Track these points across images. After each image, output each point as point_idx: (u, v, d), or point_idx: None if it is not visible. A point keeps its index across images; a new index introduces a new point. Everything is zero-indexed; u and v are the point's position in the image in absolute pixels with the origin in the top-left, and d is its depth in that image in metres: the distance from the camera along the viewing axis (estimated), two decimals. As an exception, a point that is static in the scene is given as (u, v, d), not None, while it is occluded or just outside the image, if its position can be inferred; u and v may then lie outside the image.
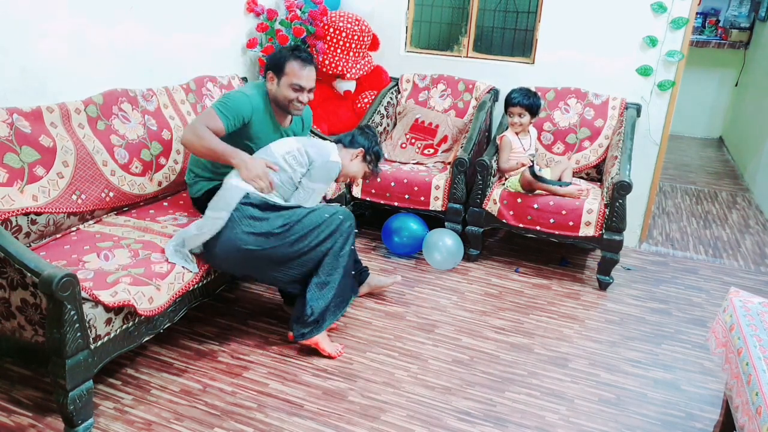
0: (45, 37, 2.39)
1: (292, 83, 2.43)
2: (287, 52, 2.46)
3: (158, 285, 2.06)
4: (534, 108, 3.18)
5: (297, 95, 2.45)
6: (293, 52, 2.45)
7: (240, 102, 2.40)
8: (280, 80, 2.44)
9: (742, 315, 1.79)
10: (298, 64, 2.42)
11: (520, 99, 3.15)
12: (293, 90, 2.44)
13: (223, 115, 2.37)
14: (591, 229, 2.98)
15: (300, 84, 2.43)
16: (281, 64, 2.43)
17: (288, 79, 2.42)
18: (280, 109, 2.52)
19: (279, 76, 2.44)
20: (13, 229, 2.12)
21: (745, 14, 6.36)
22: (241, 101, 2.41)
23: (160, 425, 2.00)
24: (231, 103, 2.39)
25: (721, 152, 6.29)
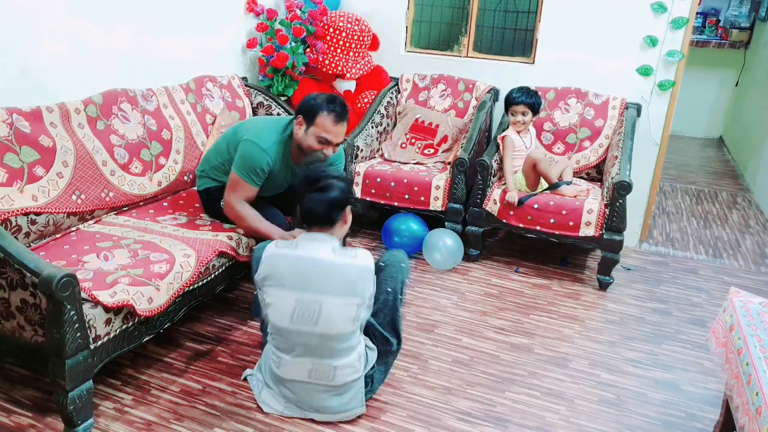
0: (45, 37, 2.39)
1: (319, 135, 2.32)
2: (323, 101, 2.32)
3: (157, 285, 2.05)
4: (536, 106, 3.20)
5: (322, 148, 2.34)
6: (329, 104, 2.32)
7: (260, 161, 2.36)
8: (308, 129, 2.33)
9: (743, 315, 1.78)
10: (331, 119, 2.30)
11: (523, 98, 3.16)
12: (319, 142, 2.33)
13: (252, 180, 2.38)
14: (591, 229, 2.97)
15: (328, 139, 2.33)
16: (314, 113, 2.31)
17: (316, 130, 2.31)
18: (301, 152, 2.42)
19: (308, 124, 2.33)
20: (12, 229, 2.12)
21: (745, 14, 6.35)
22: (261, 160, 2.36)
23: (160, 425, 2.00)
24: (254, 167, 2.36)
25: (721, 152, 6.29)
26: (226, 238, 2.40)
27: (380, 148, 3.75)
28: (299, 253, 1.95)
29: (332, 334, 1.93)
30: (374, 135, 3.69)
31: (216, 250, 2.32)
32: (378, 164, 3.51)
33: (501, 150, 3.25)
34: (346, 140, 2.46)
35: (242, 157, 2.38)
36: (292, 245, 1.98)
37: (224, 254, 2.38)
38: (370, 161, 3.58)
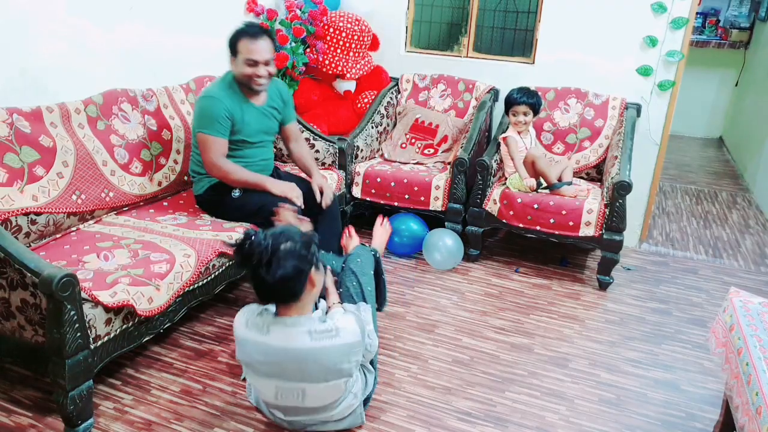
0: (45, 37, 2.39)
1: (246, 59, 2.45)
2: (237, 30, 2.47)
3: (158, 285, 2.05)
4: (537, 106, 3.20)
5: (253, 70, 2.46)
6: (242, 28, 2.47)
7: (213, 109, 2.47)
8: (237, 59, 2.47)
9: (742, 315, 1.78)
10: (248, 39, 2.44)
11: (524, 98, 3.16)
12: (248, 66, 2.46)
13: (217, 131, 2.48)
14: (591, 229, 2.97)
15: (253, 58, 2.44)
16: (234, 43, 2.46)
17: (242, 56, 2.45)
18: (247, 89, 2.55)
19: (236, 56, 2.48)
20: (13, 229, 2.12)
21: (745, 14, 6.35)
22: (214, 107, 2.47)
23: (160, 425, 2.00)
24: (208, 115, 2.47)
25: (721, 152, 6.29)
26: (226, 237, 2.40)
27: (380, 148, 3.75)
28: (271, 342, 1.72)
29: (324, 405, 1.83)
30: (374, 135, 3.69)
31: (216, 250, 2.33)
32: (378, 164, 3.51)
33: (504, 150, 3.24)
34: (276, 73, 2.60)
35: (199, 115, 2.50)
36: (263, 329, 1.73)
37: (224, 254, 2.38)
38: (370, 161, 3.58)
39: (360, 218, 3.68)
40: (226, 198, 2.58)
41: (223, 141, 2.50)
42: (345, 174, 3.38)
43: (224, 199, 2.59)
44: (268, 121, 2.70)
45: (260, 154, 2.70)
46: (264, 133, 2.69)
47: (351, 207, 3.49)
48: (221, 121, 2.47)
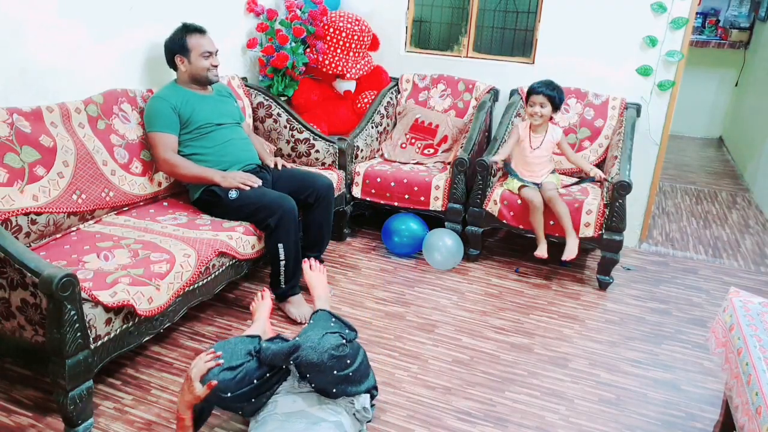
0: (45, 37, 2.39)
1: (201, 53, 2.64)
2: (180, 32, 2.65)
3: (158, 285, 2.05)
4: (556, 100, 3.04)
5: (210, 61, 2.67)
6: (186, 29, 2.65)
7: (160, 107, 2.60)
8: (190, 56, 2.64)
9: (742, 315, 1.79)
10: (197, 36, 2.65)
11: (543, 88, 3.03)
12: (204, 58, 2.66)
13: (164, 127, 2.60)
14: (590, 229, 2.97)
15: (208, 50, 2.66)
16: (183, 42, 2.63)
17: (196, 52, 2.64)
18: (198, 84, 2.72)
19: (186, 55, 2.64)
20: (13, 229, 2.12)
21: (745, 14, 6.35)
22: (160, 105, 2.60)
23: (160, 425, 2.00)
24: (156, 114, 2.60)
25: (721, 152, 6.29)
26: (226, 237, 2.41)
27: (380, 148, 3.75)
28: None
29: None
30: (374, 135, 3.69)
31: (216, 250, 2.33)
32: (378, 164, 3.51)
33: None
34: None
35: (145, 119, 2.63)
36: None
37: (224, 254, 2.38)
38: (370, 161, 3.58)
39: (360, 218, 3.69)
40: (223, 200, 2.58)
41: (170, 136, 2.60)
42: (345, 174, 3.39)
43: (221, 200, 2.59)
44: (223, 105, 2.81)
45: (228, 135, 2.76)
46: (222, 114, 2.77)
47: (351, 207, 3.49)
48: (166, 117, 2.59)
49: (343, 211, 3.42)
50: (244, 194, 2.58)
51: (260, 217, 2.54)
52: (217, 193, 2.60)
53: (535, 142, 3.12)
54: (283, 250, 2.57)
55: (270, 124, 3.44)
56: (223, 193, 2.59)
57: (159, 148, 2.58)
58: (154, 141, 2.59)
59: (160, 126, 2.59)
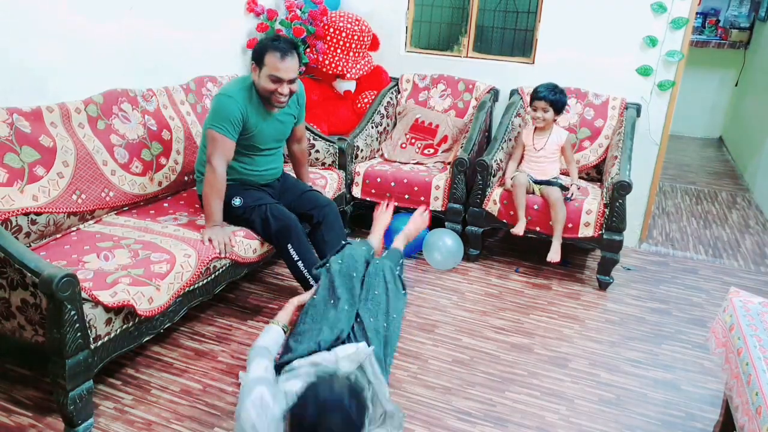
0: (45, 37, 2.39)
1: (270, 75, 2.38)
2: (267, 41, 2.41)
3: (158, 285, 2.05)
4: (558, 104, 3.06)
5: (276, 87, 2.40)
6: (273, 42, 2.39)
7: (229, 109, 2.41)
8: (261, 71, 2.40)
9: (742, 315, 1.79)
10: (277, 55, 2.36)
11: (545, 93, 3.04)
12: (272, 81, 2.39)
13: (227, 131, 2.41)
14: (590, 229, 2.98)
15: (278, 76, 2.37)
16: (261, 55, 2.38)
17: (267, 71, 2.38)
18: (266, 101, 2.48)
19: (260, 67, 2.40)
20: (13, 229, 2.12)
21: (745, 14, 6.35)
22: (230, 107, 2.41)
23: (160, 425, 2.00)
24: (224, 115, 2.40)
25: (721, 152, 6.29)
26: (226, 238, 2.40)
27: (380, 148, 3.75)
28: None
29: None
30: (374, 135, 3.69)
31: (216, 252, 2.33)
32: (378, 164, 3.51)
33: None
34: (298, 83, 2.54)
35: (213, 111, 2.44)
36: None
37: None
38: (370, 161, 3.58)
39: (360, 218, 3.68)
40: (227, 206, 2.52)
41: (230, 142, 2.43)
42: (345, 174, 3.38)
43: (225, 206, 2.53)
44: (282, 128, 2.65)
45: (268, 163, 2.66)
46: (276, 140, 2.65)
47: (351, 207, 3.49)
48: (233, 122, 2.41)
49: (344, 210, 3.42)
50: (248, 210, 2.53)
51: (261, 228, 2.53)
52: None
53: (539, 143, 3.14)
54: (294, 251, 2.51)
55: (270, 124, 3.44)
56: (226, 199, 2.51)
57: (216, 151, 2.40)
58: (214, 141, 2.41)
59: (223, 128, 2.40)
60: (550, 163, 3.14)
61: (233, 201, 2.53)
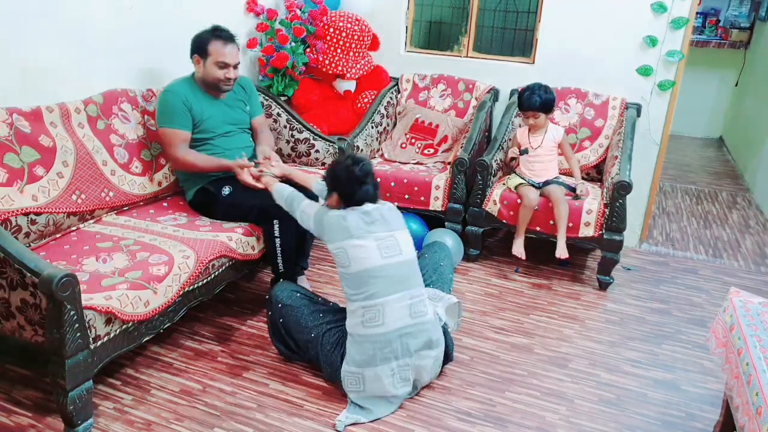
0: (45, 37, 2.39)
1: (217, 61, 2.54)
2: (208, 33, 2.56)
3: (155, 288, 2.05)
4: (547, 106, 3.03)
5: (224, 72, 2.57)
6: (214, 32, 2.56)
7: (172, 102, 2.54)
8: (206, 61, 2.56)
9: (742, 315, 1.79)
10: (220, 43, 2.54)
11: (532, 102, 3.00)
12: (219, 68, 2.55)
13: (176, 123, 2.54)
14: (590, 229, 2.97)
15: (225, 61, 2.55)
16: (204, 46, 2.54)
17: (213, 59, 2.54)
18: (210, 88, 2.63)
19: (204, 58, 2.56)
20: (12, 229, 2.12)
21: (745, 14, 6.35)
22: (172, 100, 2.54)
23: (160, 425, 2.00)
24: (168, 109, 2.54)
25: (721, 152, 6.29)
26: (225, 238, 2.40)
27: (380, 148, 3.75)
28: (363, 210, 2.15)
29: (411, 258, 2.17)
30: (374, 135, 3.69)
31: (215, 252, 2.32)
32: (378, 164, 3.51)
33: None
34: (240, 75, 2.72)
35: (158, 110, 2.57)
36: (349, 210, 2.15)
37: (224, 255, 2.37)
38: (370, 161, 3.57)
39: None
40: (218, 197, 2.58)
41: (183, 132, 2.55)
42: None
43: (216, 198, 2.59)
44: (232, 112, 2.75)
45: (232, 143, 2.72)
46: (230, 123, 2.73)
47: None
48: (180, 113, 2.54)
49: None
50: (239, 195, 2.56)
51: (252, 218, 2.55)
52: (211, 191, 2.60)
53: (535, 142, 3.13)
54: (278, 228, 2.51)
55: (270, 124, 3.44)
56: (216, 190, 2.59)
57: (172, 145, 2.54)
58: (167, 137, 2.54)
59: (172, 122, 2.54)
60: (548, 162, 3.13)
61: (223, 191, 2.59)
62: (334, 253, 2.14)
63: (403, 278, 2.12)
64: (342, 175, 2.17)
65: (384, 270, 2.08)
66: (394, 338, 2.06)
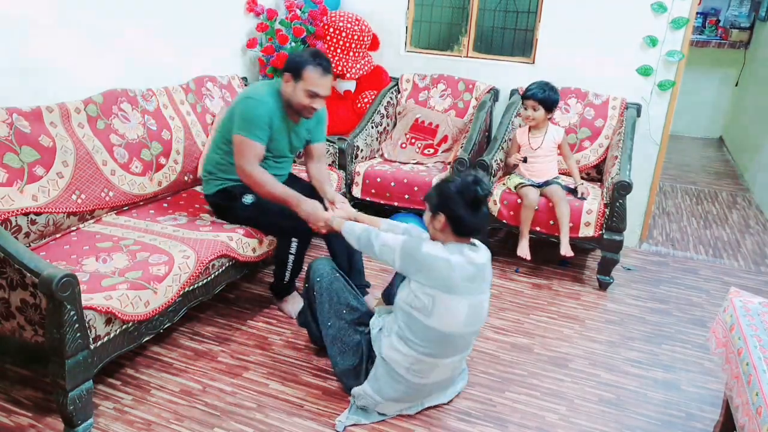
0: (45, 37, 2.39)
1: (308, 89, 2.38)
2: (308, 56, 2.40)
3: (155, 288, 2.05)
4: (548, 102, 3.03)
5: (311, 101, 2.41)
6: (314, 58, 2.39)
7: (260, 115, 2.39)
8: (297, 84, 2.39)
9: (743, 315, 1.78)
10: (318, 72, 2.37)
11: (534, 91, 3.02)
12: (308, 96, 2.39)
13: (256, 136, 2.38)
14: (590, 229, 2.97)
15: (316, 91, 2.39)
16: (300, 69, 2.37)
17: (304, 85, 2.37)
18: (291, 110, 2.48)
19: (296, 80, 2.39)
20: (12, 229, 2.12)
21: (745, 14, 6.35)
22: (259, 111, 2.39)
23: (160, 425, 2.00)
24: (254, 120, 2.38)
25: (721, 152, 6.29)
26: (226, 238, 2.40)
27: (380, 148, 3.75)
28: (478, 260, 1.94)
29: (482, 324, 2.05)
30: (374, 135, 3.69)
31: (215, 252, 2.32)
32: (378, 164, 3.51)
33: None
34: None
35: (241, 115, 2.40)
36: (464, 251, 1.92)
37: (224, 255, 2.37)
38: (370, 161, 3.58)
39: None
40: (236, 203, 2.51)
41: (260, 146, 2.40)
42: (345, 174, 3.38)
43: (234, 203, 2.52)
44: (296, 139, 2.62)
45: (277, 170, 2.58)
46: (289, 150, 2.63)
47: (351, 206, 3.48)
48: (262, 127, 2.39)
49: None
50: (260, 208, 2.49)
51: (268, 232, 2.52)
52: (233, 194, 2.52)
53: (535, 143, 3.12)
54: (296, 245, 2.49)
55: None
56: (238, 195, 2.50)
57: (245, 157, 2.37)
58: (243, 146, 2.37)
59: (253, 133, 2.37)
60: (548, 162, 3.13)
61: (244, 198, 2.50)
62: (417, 294, 1.89)
63: (467, 345, 2.04)
64: (459, 194, 1.88)
65: (460, 338, 1.96)
66: (428, 387, 2.04)
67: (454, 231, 1.92)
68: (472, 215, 1.88)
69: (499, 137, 3.37)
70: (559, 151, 3.19)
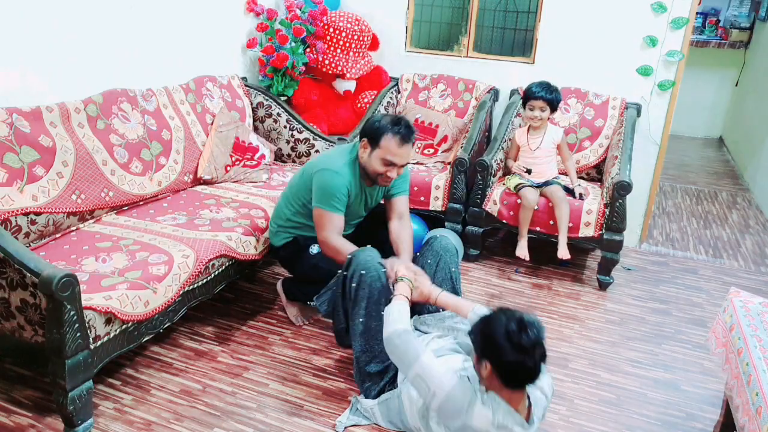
0: (44, 37, 2.39)
1: (384, 158, 2.26)
2: (387, 123, 2.27)
3: (155, 288, 2.05)
4: (555, 103, 3.04)
5: (386, 170, 2.29)
6: (393, 126, 2.26)
7: (337, 185, 2.31)
8: (373, 151, 2.28)
9: (742, 315, 1.79)
10: (396, 141, 2.24)
11: (543, 93, 3.01)
12: (384, 164, 2.28)
13: (335, 208, 2.31)
14: (590, 229, 2.97)
15: (392, 161, 2.27)
16: (378, 136, 2.26)
17: (381, 153, 2.26)
18: (367, 177, 2.39)
19: (373, 147, 2.28)
20: (12, 229, 2.12)
21: (745, 14, 6.35)
22: (338, 184, 2.31)
23: (160, 425, 2.00)
24: (332, 192, 2.30)
25: (721, 152, 6.29)
26: (225, 238, 2.40)
27: (380, 148, 3.74)
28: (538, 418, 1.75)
29: None
30: (374, 135, 3.69)
31: (215, 252, 2.32)
32: (378, 164, 3.51)
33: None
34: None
35: (320, 188, 2.32)
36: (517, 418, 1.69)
37: (224, 255, 2.37)
38: (370, 161, 3.57)
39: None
40: (304, 254, 2.46)
41: (340, 218, 2.33)
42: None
43: (302, 254, 2.47)
44: (371, 201, 2.53)
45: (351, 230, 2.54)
46: (364, 211, 2.56)
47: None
48: (341, 199, 2.32)
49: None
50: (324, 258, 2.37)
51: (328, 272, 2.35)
52: (301, 244, 2.47)
53: (534, 143, 3.13)
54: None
55: (270, 124, 3.44)
56: (305, 245, 2.45)
57: (326, 229, 2.31)
58: (324, 219, 2.31)
59: (332, 206, 2.30)
60: (547, 163, 3.13)
61: (311, 248, 2.44)
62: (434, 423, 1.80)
63: None
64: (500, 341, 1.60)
65: None
66: None
67: (503, 381, 1.65)
68: (521, 367, 1.59)
69: (499, 137, 3.37)
70: (558, 152, 3.19)
